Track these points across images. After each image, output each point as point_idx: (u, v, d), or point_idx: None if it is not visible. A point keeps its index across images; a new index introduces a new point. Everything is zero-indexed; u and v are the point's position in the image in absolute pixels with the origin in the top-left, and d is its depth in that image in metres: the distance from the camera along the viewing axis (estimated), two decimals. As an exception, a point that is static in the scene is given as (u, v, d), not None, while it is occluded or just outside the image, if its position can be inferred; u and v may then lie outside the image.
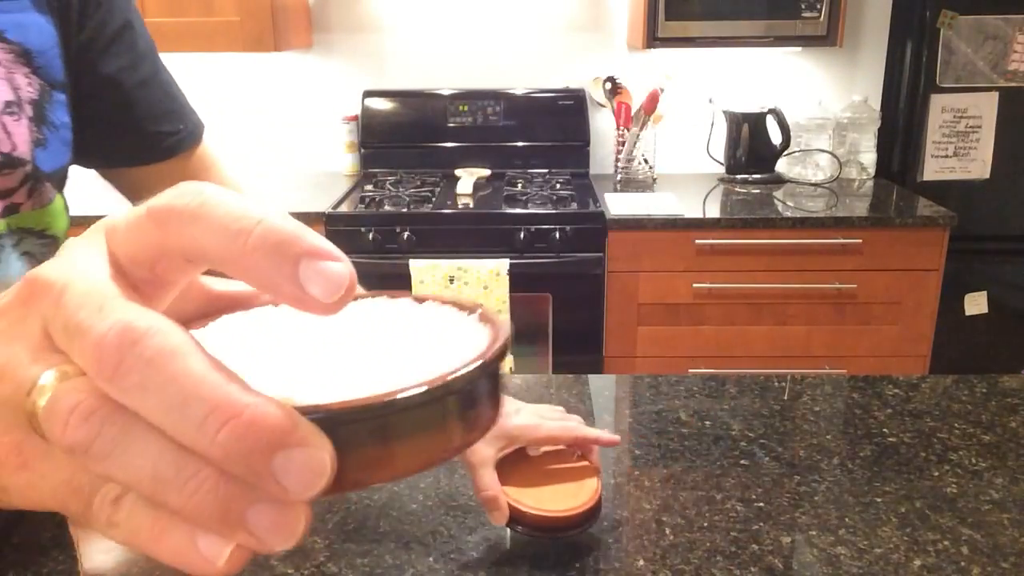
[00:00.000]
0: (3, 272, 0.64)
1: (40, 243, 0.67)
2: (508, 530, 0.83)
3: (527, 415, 0.84)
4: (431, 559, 0.79)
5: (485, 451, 0.79)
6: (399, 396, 0.23)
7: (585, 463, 0.86)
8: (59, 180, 0.68)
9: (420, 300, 0.30)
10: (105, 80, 0.70)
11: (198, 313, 0.29)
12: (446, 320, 0.29)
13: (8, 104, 0.61)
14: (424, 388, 0.23)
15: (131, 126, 0.74)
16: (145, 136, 0.75)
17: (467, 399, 0.25)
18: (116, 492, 0.22)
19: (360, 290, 0.27)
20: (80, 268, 0.24)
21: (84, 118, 0.69)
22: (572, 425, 0.85)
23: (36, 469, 0.24)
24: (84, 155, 0.71)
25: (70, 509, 0.24)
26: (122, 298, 0.22)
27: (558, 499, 0.81)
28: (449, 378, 0.24)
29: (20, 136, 0.62)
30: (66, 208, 0.70)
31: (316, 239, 0.23)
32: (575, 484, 0.83)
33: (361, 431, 0.23)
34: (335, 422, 0.22)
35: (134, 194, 0.78)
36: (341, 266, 0.23)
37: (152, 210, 0.23)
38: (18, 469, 0.24)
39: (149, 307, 0.22)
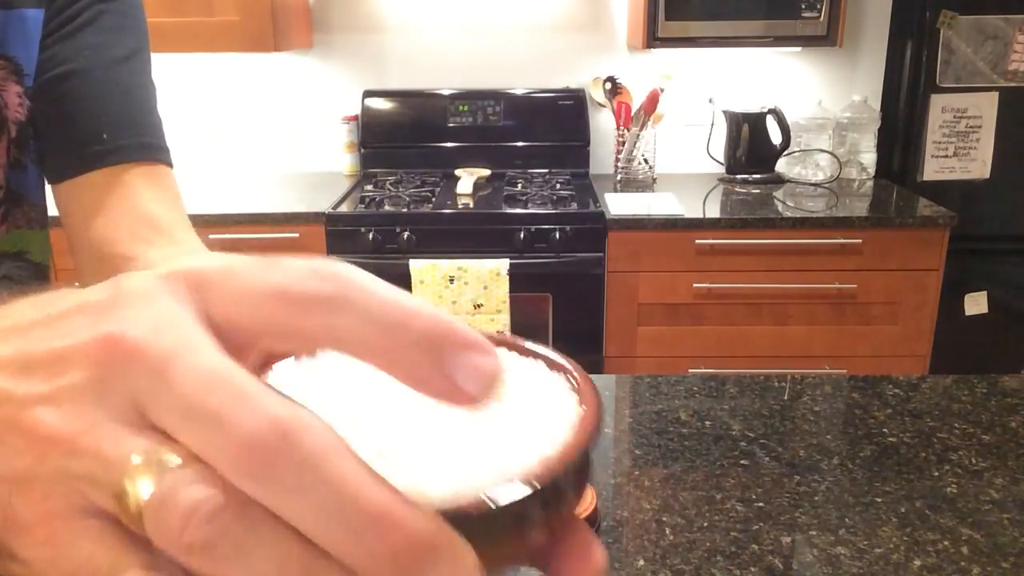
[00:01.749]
0: None
1: (17, 266, 0.61)
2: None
3: None
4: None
5: None
6: (524, 499, 0.21)
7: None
8: (35, 207, 0.61)
9: (500, 343, 0.27)
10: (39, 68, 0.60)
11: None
12: (534, 381, 0.26)
13: None
14: (538, 487, 0.21)
15: (58, 130, 0.62)
16: (71, 141, 0.62)
17: (566, 497, 0.23)
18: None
19: None
20: (179, 335, 0.20)
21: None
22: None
23: (62, 546, 0.21)
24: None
25: None
26: (259, 384, 0.20)
27: None
28: (559, 477, 0.22)
29: None
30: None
31: (469, 332, 0.22)
32: None
33: (482, 531, 0.21)
34: (463, 522, 0.20)
35: (64, 211, 0.64)
36: (493, 360, 0.21)
37: (288, 294, 0.21)
38: (43, 543, 0.21)
39: None
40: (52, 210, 0.65)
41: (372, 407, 0.24)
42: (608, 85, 2.72)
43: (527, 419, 0.24)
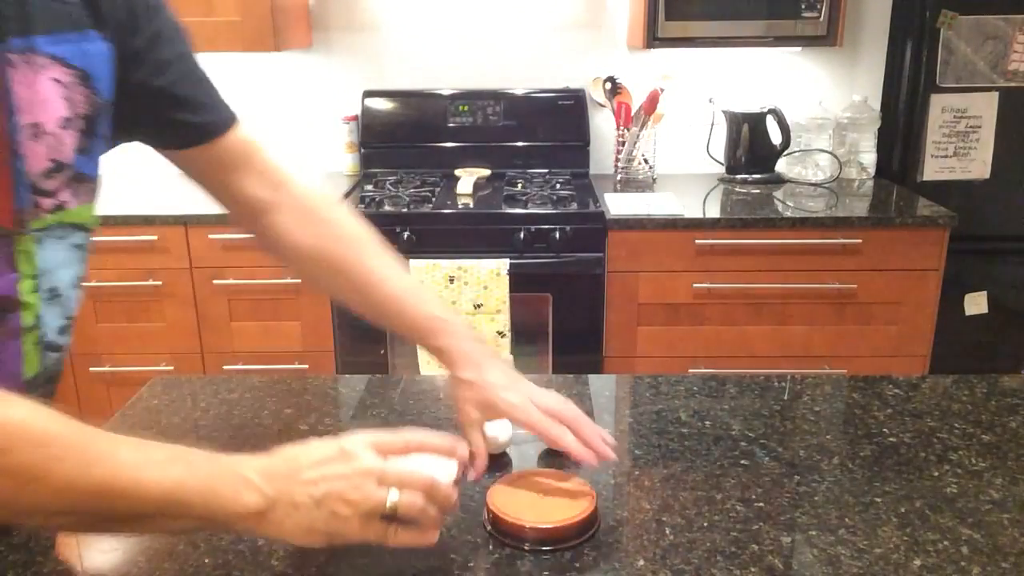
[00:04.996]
0: (51, 259, 0.74)
1: (83, 235, 0.77)
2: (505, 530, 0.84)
3: (517, 394, 0.87)
4: (431, 560, 0.79)
5: (474, 414, 0.89)
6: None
7: (580, 482, 0.87)
8: (97, 182, 0.79)
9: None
10: (140, 84, 0.81)
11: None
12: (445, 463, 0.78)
13: (64, 120, 0.72)
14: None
15: (168, 120, 0.85)
16: (183, 126, 0.86)
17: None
18: (392, 527, 0.71)
19: None
20: (380, 461, 0.72)
21: (128, 115, 0.80)
22: (557, 430, 0.86)
23: (363, 530, 0.70)
24: (139, 139, 0.86)
25: (311, 542, 0.69)
26: (418, 476, 0.72)
27: (555, 512, 0.82)
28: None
29: (68, 145, 0.73)
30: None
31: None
32: (568, 500, 0.84)
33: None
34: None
35: (200, 177, 0.92)
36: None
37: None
38: (357, 531, 0.70)
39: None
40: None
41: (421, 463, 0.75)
42: (608, 85, 2.72)
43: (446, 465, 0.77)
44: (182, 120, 0.86)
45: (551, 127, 2.76)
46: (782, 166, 2.74)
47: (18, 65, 0.68)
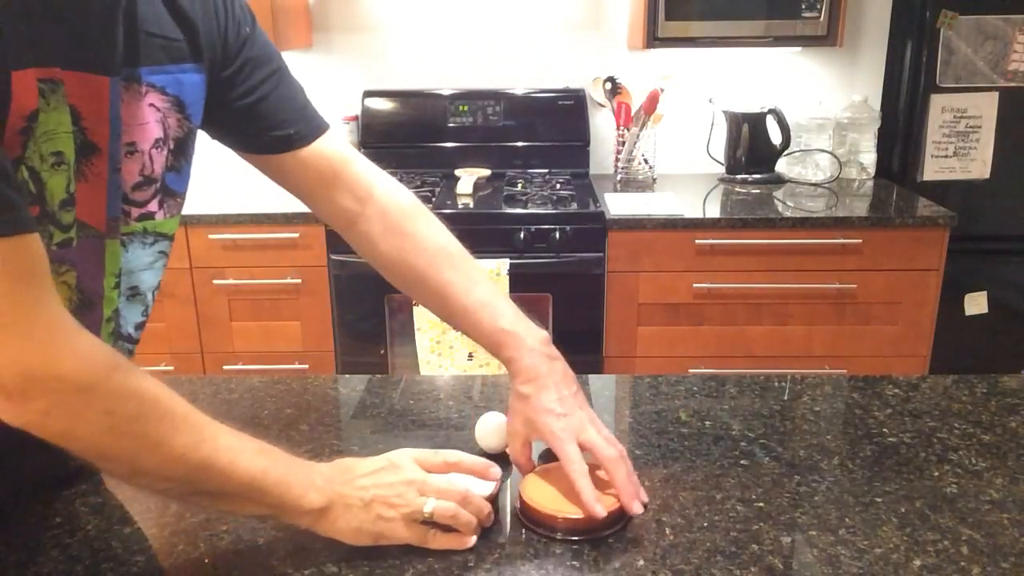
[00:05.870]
0: (135, 261, 0.86)
1: (166, 244, 0.90)
2: (509, 530, 0.84)
3: (563, 422, 0.87)
4: (431, 559, 0.79)
5: (520, 428, 0.91)
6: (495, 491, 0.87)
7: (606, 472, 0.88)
8: (182, 198, 0.89)
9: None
10: (231, 102, 0.91)
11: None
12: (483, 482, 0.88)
13: (157, 140, 0.82)
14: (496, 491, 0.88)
15: (256, 132, 0.94)
16: (264, 137, 0.95)
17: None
18: (431, 531, 0.80)
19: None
20: (422, 473, 0.83)
21: (219, 124, 0.92)
22: (582, 482, 0.84)
23: (407, 532, 0.80)
24: (230, 146, 0.95)
25: (359, 541, 0.79)
26: (455, 487, 0.82)
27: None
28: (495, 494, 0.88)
29: (158, 163, 0.84)
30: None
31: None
32: (601, 490, 0.85)
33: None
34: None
35: (292, 185, 1.00)
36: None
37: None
38: (401, 532, 0.80)
39: None
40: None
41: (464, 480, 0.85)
42: (608, 85, 2.72)
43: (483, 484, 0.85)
44: (267, 134, 0.94)
45: (551, 127, 2.76)
46: (782, 166, 2.74)
47: (123, 92, 0.77)
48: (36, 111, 0.68)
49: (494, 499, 0.85)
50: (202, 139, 0.92)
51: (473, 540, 0.81)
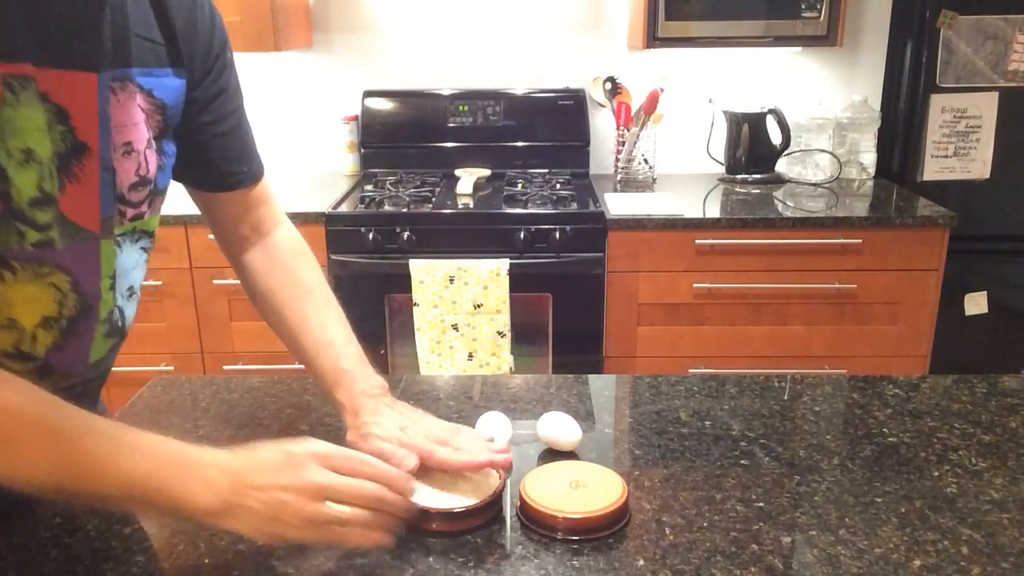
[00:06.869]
0: (127, 261, 0.86)
1: (149, 240, 0.89)
2: (509, 530, 0.84)
3: (418, 437, 0.89)
4: (431, 559, 0.79)
5: (362, 446, 0.88)
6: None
7: (608, 471, 0.89)
8: (164, 195, 0.90)
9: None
10: (196, 128, 0.91)
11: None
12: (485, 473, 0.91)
13: (148, 141, 0.83)
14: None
15: (208, 164, 0.96)
16: (218, 173, 0.97)
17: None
18: (344, 530, 0.75)
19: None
20: (328, 476, 0.75)
21: (179, 152, 0.90)
22: (461, 458, 0.88)
23: (309, 530, 0.74)
24: (176, 176, 0.93)
25: (261, 539, 0.76)
26: (366, 489, 0.76)
27: (589, 503, 0.84)
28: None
29: (151, 164, 0.85)
30: None
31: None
32: (601, 490, 0.86)
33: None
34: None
35: (206, 209, 1.02)
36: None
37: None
38: (299, 529, 0.73)
39: None
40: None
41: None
42: (608, 85, 2.72)
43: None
44: (221, 168, 0.97)
45: (551, 127, 2.76)
46: (782, 166, 2.74)
47: (117, 92, 0.78)
48: None
49: (494, 499, 0.85)
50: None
51: (391, 539, 0.77)
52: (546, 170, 2.74)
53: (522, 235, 2.28)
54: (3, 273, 0.72)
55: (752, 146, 2.68)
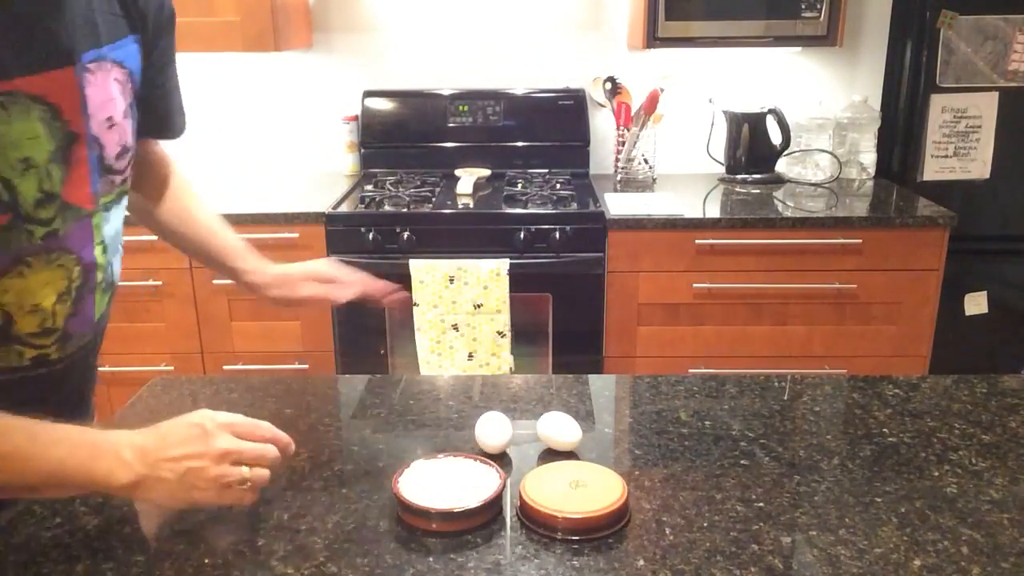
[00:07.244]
0: (114, 223, 0.92)
1: (125, 198, 0.95)
2: (509, 530, 0.84)
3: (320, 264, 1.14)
4: (431, 559, 0.79)
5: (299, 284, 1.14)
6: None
7: (608, 471, 0.89)
8: (136, 150, 0.95)
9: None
10: (152, 81, 0.98)
11: None
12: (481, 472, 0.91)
13: (124, 110, 0.89)
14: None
15: (157, 112, 1.02)
16: (157, 120, 1.04)
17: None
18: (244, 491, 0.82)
19: None
20: (236, 442, 0.83)
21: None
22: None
23: (217, 494, 0.81)
24: None
25: (176, 507, 0.85)
26: (269, 451, 0.85)
27: (589, 503, 0.84)
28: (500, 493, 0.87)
29: (130, 131, 0.91)
30: None
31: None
32: (601, 490, 0.86)
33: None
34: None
35: (137, 178, 1.05)
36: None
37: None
38: (208, 493, 0.80)
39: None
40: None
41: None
42: (608, 85, 2.72)
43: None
44: (165, 118, 1.06)
45: (551, 127, 2.76)
46: (782, 166, 2.74)
47: (95, 71, 0.83)
48: None
49: (494, 499, 0.85)
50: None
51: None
52: (546, 170, 2.74)
53: (522, 235, 2.28)
54: (22, 269, 0.80)
55: (752, 146, 2.68)
